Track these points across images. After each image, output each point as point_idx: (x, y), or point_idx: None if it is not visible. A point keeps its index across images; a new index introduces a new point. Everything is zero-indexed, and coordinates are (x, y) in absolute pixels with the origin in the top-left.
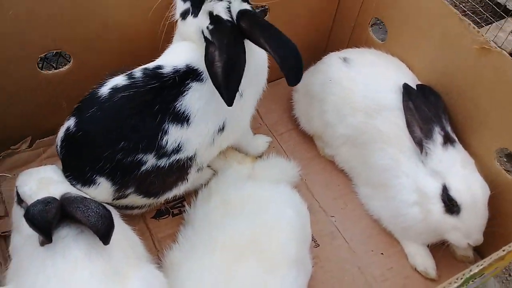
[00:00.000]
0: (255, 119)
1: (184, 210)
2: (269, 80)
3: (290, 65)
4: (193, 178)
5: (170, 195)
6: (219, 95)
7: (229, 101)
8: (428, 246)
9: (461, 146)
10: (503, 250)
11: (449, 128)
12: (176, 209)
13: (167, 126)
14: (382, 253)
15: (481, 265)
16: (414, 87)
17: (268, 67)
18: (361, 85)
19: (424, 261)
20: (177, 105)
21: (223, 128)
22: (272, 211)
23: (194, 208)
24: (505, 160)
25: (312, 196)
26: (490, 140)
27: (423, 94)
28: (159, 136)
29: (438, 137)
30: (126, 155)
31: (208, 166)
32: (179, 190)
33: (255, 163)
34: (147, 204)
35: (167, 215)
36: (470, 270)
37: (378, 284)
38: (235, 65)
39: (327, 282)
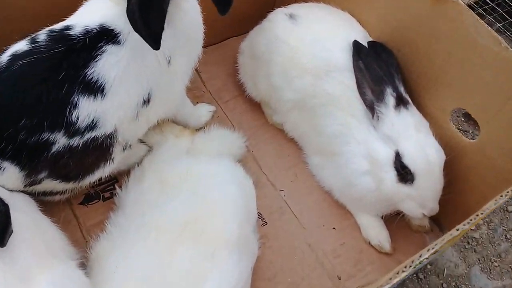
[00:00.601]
0: (197, 86)
1: (116, 194)
2: (213, 42)
3: None
4: (120, 157)
5: (93, 178)
6: (140, 60)
7: (154, 43)
8: (382, 217)
9: (414, 107)
10: (457, 229)
11: (402, 89)
12: (107, 192)
13: (76, 98)
14: (334, 228)
15: (433, 248)
16: (366, 44)
17: (205, 32)
18: (309, 44)
19: (378, 234)
20: (88, 73)
21: (148, 100)
22: (212, 189)
23: (126, 190)
24: (463, 119)
25: (260, 168)
26: (446, 100)
27: (375, 51)
28: (68, 111)
29: (390, 99)
30: (30, 135)
31: (143, 142)
32: (103, 171)
33: (194, 136)
34: (69, 189)
35: (97, 200)
36: (420, 256)
37: (330, 261)
38: (154, 1)
39: (275, 262)
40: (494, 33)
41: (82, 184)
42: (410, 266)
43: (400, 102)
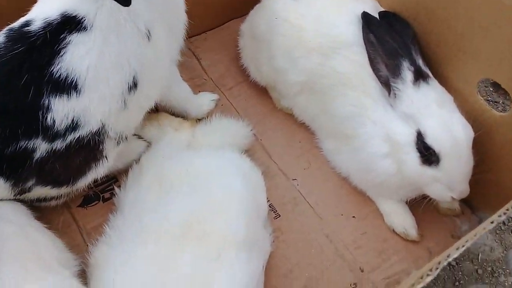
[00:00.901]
0: (198, 74)
1: (115, 194)
2: (213, 26)
3: None
4: (114, 153)
5: (87, 180)
6: (115, 42)
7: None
8: (406, 201)
9: (436, 81)
10: (492, 222)
11: (420, 61)
12: (107, 193)
13: (47, 101)
14: (353, 216)
15: (463, 246)
16: (376, 15)
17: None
18: (313, 20)
19: (402, 220)
20: (54, 70)
21: (135, 84)
22: (215, 185)
23: (125, 190)
24: (492, 89)
25: (270, 157)
26: (471, 70)
27: (387, 22)
28: (41, 115)
29: (407, 73)
30: (6, 145)
31: (140, 138)
32: (97, 172)
33: (195, 128)
34: (64, 193)
35: (96, 201)
36: (448, 256)
37: (350, 252)
38: None
39: (291, 257)
40: None
41: (77, 187)
42: (437, 269)
43: (419, 76)
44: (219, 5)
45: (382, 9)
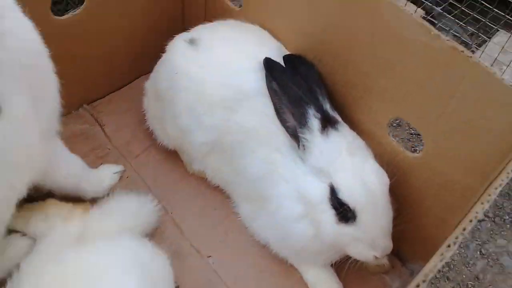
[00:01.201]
0: (100, 144)
1: None
2: (118, 87)
3: None
4: None
5: None
6: None
7: None
8: (332, 264)
9: (346, 126)
10: (417, 286)
11: (327, 106)
12: None
13: None
14: None
15: None
16: (281, 59)
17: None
18: (214, 72)
19: None
20: None
21: None
22: (106, 286)
23: None
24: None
25: (181, 233)
26: (380, 111)
27: (292, 67)
28: None
29: (314, 121)
30: None
31: (24, 235)
32: None
33: (88, 213)
34: None
35: None
36: None
37: None
38: None
39: None
40: (421, 20)
41: None
42: None
43: (327, 123)
44: (122, 62)
45: (287, 52)
